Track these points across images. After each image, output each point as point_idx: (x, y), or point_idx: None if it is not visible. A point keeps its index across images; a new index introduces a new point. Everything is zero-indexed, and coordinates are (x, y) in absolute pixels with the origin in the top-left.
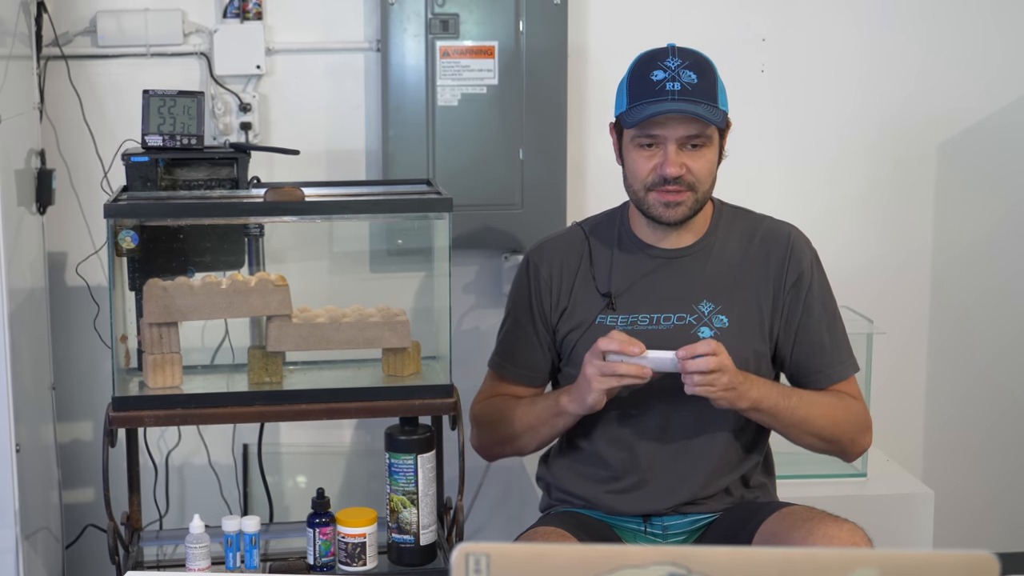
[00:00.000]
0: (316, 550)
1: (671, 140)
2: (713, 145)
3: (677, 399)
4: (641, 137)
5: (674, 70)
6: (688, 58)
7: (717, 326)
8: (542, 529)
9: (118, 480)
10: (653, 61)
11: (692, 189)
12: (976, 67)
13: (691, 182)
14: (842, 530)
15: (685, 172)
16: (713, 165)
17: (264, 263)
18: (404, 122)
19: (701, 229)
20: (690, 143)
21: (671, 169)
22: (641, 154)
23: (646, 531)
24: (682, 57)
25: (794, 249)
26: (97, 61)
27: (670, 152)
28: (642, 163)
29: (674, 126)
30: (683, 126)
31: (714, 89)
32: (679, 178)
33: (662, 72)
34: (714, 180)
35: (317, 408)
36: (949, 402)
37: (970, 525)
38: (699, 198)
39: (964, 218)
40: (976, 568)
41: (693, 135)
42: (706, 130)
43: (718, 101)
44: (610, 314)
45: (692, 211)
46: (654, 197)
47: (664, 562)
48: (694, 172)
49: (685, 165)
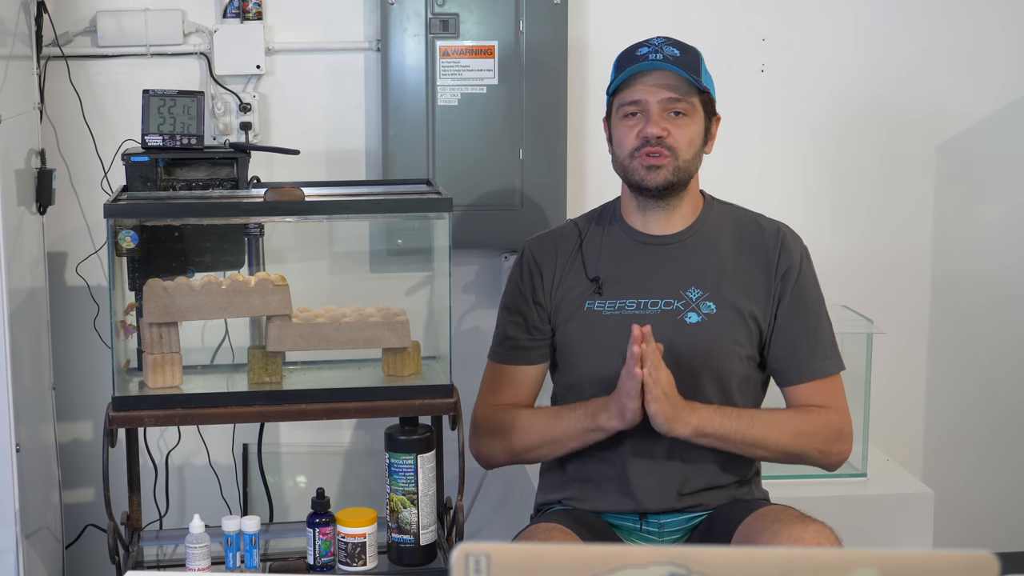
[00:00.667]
0: (316, 550)
1: (653, 103)
2: (696, 116)
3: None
4: (626, 106)
5: (657, 45)
6: (673, 40)
7: (704, 312)
8: (543, 526)
9: (118, 480)
10: (639, 44)
11: (673, 155)
12: (976, 67)
13: (672, 145)
14: (807, 531)
15: (667, 135)
16: (695, 137)
17: (264, 263)
18: (404, 122)
19: (691, 217)
20: (672, 110)
21: (652, 128)
22: (626, 123)
23: (641, 528)
24: (667, 39)
25: (785, 242)
26: (97, 61)
27: (653, 114)
28: (627, 131)
29: (656, 91)
30: (665, 89)
31: (697, 65)
32: (660, 140)
33: (646, 48)
34: (697, 157)
35: (317, 408)
36: (949, 402)
37: (970, 525)
38: (680, 166)
39: (964, 218)
40: (976, 568)
41: (675, 99)
42: (688, 96)
43: (701, 76)
44: (597, 299)
45: (674, 177)
46: (638, 162)
47: (664, 562)
48: (675, 137)
49: (667, 129)
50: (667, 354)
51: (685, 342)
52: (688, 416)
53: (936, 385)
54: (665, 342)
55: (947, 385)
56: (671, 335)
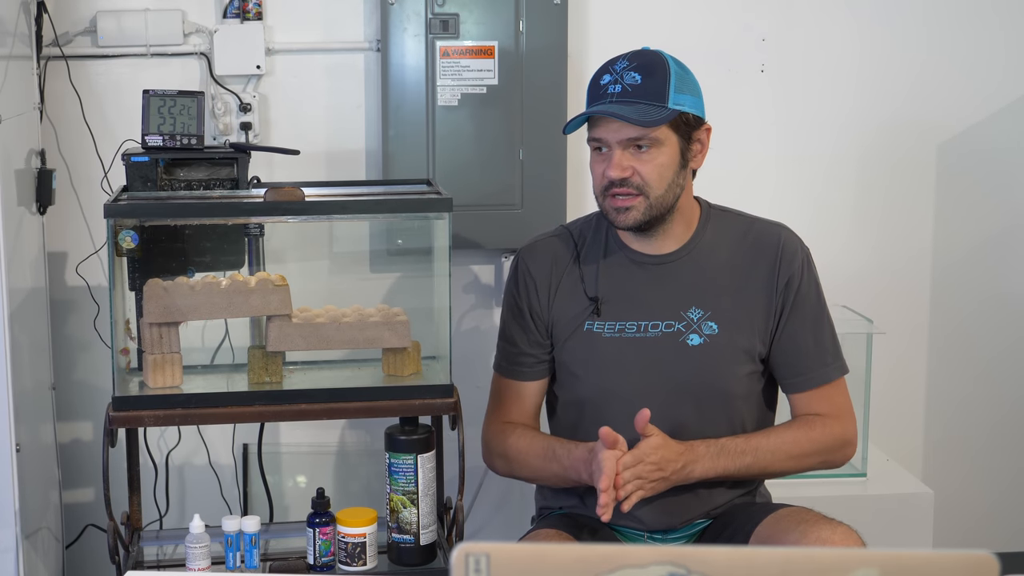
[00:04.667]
0: (316, 550)
1: (613, 143)
2: (664, 147)
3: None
4: (592, 140)
5: (618, 72)
6: (638, 59)
7: (707, 333)
8: (544, 532)
9: (118, 480)
10: (606, 67)
11: (643, 193)
12: (976, 68)
13: (639, 184)
14: (835, 533)
15: (631, 174)
16: (665, 168)
17: (264, 263)
18: (404, 122)
19: (686, 233)
20: (634, 144)
21: (612, 172)
22: (595, 158)
23: (646, 537)
24: (632, 59)
25: (784, 251)
26: (97, 61)
27: (614, 155)
28: (596, 167)
29: (616, 128)
30: (624, 128)
31: (662, 89)
32: (625, 180)
33: (609, 75)
34: (674, 185)
35: (317, 408)
36: (949, 402)
37: (970, 525)
38: (652, 203)
39: (964, 219)
40: (976, 568)
41: (635, 137)
42: (648, 132)
43: (666, 100)
44: (597, 320)
45: (647, 216)
46: (608, 203)
47: (664, 562)
48: (642, 175)
49: (632, 167)
50: (670, 377)
51: (688, 365)
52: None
53: (936, 385)
54: (667, 365)
55: (947, 385)
56: (673, 358)
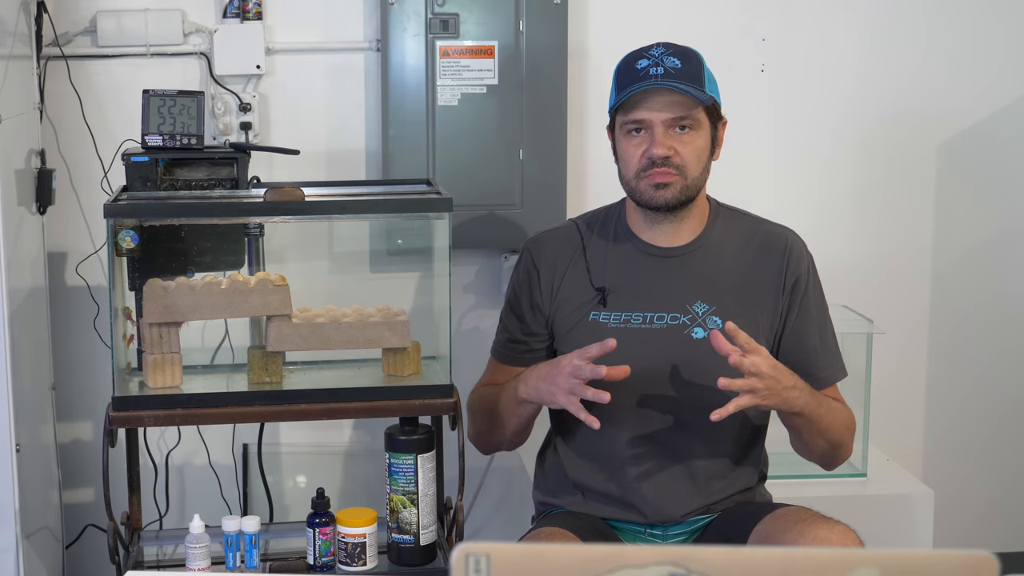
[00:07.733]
0: (316, 550)
1: (657, 122)
2: (702, 130)
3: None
4: (629, 124)
5: (657, 57)
6: (672, 47)
7: (711, 327)
8: (545, 531)
9: (118, 480)
10: (638, 53)
11: (681, 173)
12: (976, 67)
13: (679, 164)
14: (833, 532)
15: (673, 154)
16: (702, 152)
17: (264, 263)
18: (404, 122)
19: (697, 227)
20: (677, 125)
21: (658, 149)
22: (631, 142)
23: (646, 532)
24: (666, 47)
25: (792, 253)
26: (97, 61)
27: (657, 134)
28: (632, 150)
29: (659, 108)
30: (668, 108)
31: (700, 74)
32: (667, 159)
33: (646, 60)
34: (705, 171)
35: (317, 408)
36: (949, 402)
37: (970, 525)
38: (688, 184)
39: (964, 219)
40: (976, 568)
41: (680, 116)
42: (692, 112)
43: (704, 86)
44: (602, 311)
45: (683, 196)
46: (645, 183)
47: (664, 562)
48: (682, 155)
49: (673, 148)
50: (673, 369)
51: (692, 357)
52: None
53: (936, 385)
54: (671, 357)
55: (947, 385)
56: (677, 350)
